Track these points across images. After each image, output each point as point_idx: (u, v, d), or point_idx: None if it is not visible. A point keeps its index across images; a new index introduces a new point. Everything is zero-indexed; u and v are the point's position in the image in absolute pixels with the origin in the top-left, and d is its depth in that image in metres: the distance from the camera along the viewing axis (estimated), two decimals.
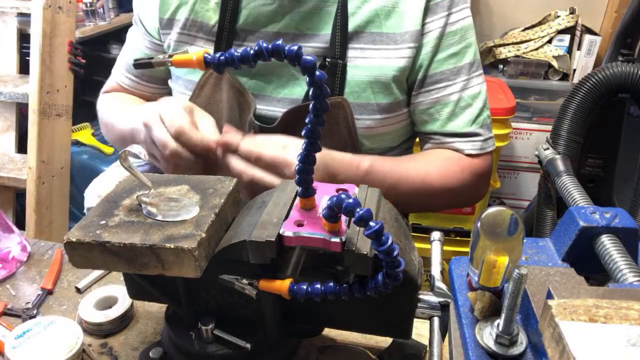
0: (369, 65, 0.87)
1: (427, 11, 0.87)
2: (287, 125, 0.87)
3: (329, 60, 0.87)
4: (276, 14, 0.89)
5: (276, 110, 0.91)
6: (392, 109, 0.91)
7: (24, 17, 1.91)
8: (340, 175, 0.82)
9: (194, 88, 0.93)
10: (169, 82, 1.02)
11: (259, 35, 0.91)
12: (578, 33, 2.12)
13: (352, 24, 0.87)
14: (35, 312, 0.79)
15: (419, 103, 0.92)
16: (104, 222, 0.59)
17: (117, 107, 1.02)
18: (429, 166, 0.91)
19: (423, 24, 0.87)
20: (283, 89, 0.91)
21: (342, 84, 0.88)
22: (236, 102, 0.92)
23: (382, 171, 0.86)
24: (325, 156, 0.79)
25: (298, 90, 0.90)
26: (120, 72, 1.07)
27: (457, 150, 0.93)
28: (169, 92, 1.04)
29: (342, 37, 0.87)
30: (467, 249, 0.45)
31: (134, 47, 1.05)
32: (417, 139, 1.03)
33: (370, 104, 0.89)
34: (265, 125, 0.90)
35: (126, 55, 1.06)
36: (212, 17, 0.92)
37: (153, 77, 1.05)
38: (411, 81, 0.91)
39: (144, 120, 0.80)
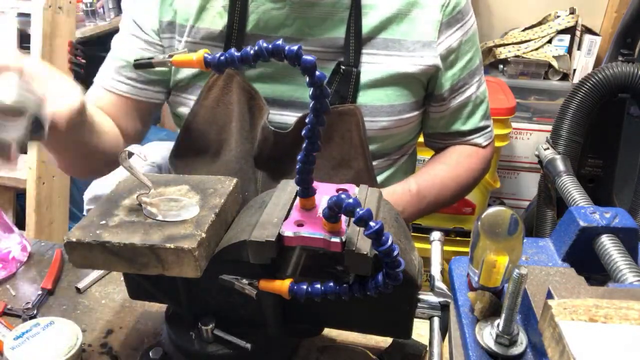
0: (382, 69, 0.88)
1: (443, 26, 0.89)
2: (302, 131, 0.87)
3: (343, 67, 0.87)
4: (287, 18, 0.87)
5: (289, 114, 0.90)
6: (405, 110, 0.92)
7: (24, 17, 1.91)
8: (402, 207, 0.92)
9: (199, 91, 0.91)
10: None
11: (269, 40, 0.90)
12: (578, 33, 2.12)
13: (365, 29, 0.87)
14: (35, 312, 0.79)
15: (445, 110, 0.97)
16: (104, 222, 0.59)
17: None
18: (458, 168, 1.00)
19: (440, 37, 0.89)
20: (295, 92, 0.90)
21: (356, 90, 0.88)
22: (247, 106, 0.90)
23: (427, 186, 0.96)
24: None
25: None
26: (111, 78, 0.95)
27: (476, 144, 1.01)
28: (167, 97, 0.99)
29: (356, 43, 0.86)
30: (467, 249, 0.45)
31: (126, 48, 0.94)
32: (420, 137, 1.06)
33: (383, 106, 0.90)
34: (280, 131, 0.89)
35: (117, 59, 0.95)
36: (220, 22, 0.89)
37: (152, 80, 0.95)
38: (437, 93, 0.94)
39: None
